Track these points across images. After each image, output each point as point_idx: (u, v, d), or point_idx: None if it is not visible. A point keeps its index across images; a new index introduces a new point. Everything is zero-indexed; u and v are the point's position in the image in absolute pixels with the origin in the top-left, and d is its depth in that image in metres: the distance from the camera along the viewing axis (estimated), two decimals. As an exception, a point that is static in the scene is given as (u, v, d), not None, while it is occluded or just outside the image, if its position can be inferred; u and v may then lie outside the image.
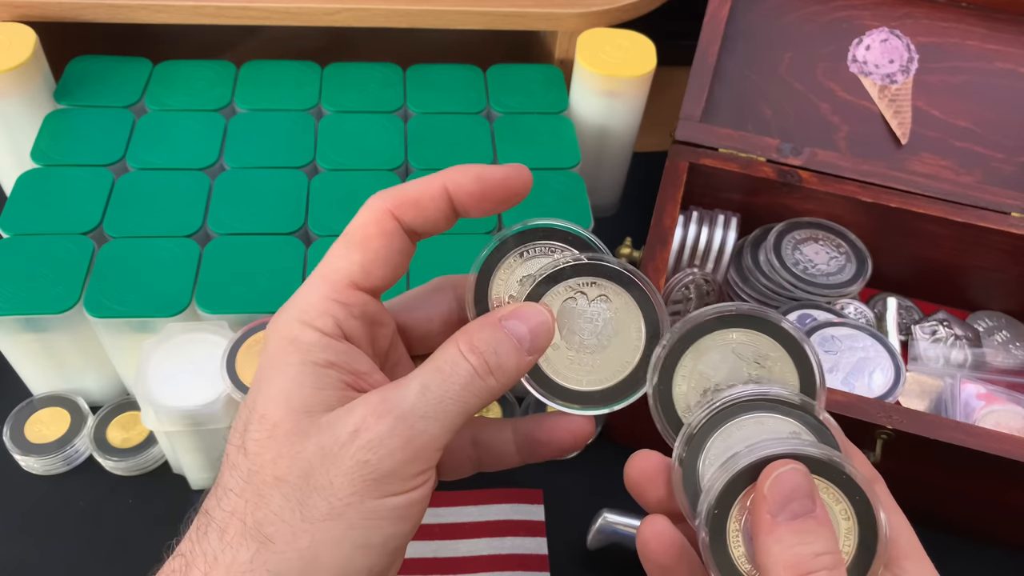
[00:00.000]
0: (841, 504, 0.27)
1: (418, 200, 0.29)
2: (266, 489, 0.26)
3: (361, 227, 0.29)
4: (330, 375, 0.27)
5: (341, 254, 0.29)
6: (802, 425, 0.29)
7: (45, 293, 0.49)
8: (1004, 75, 0.65)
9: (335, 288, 0.28)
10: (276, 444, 0.26)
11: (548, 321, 0.29)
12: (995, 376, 0.61)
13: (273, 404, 0.27)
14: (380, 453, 0.26)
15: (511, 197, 0.29)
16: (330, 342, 0.28)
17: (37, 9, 0.61)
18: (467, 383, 0.27)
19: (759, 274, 0.63)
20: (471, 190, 0.29)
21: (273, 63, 0.66)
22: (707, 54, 0.64)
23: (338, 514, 0.26)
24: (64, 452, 0.54)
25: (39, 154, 0.57)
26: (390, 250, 0.29)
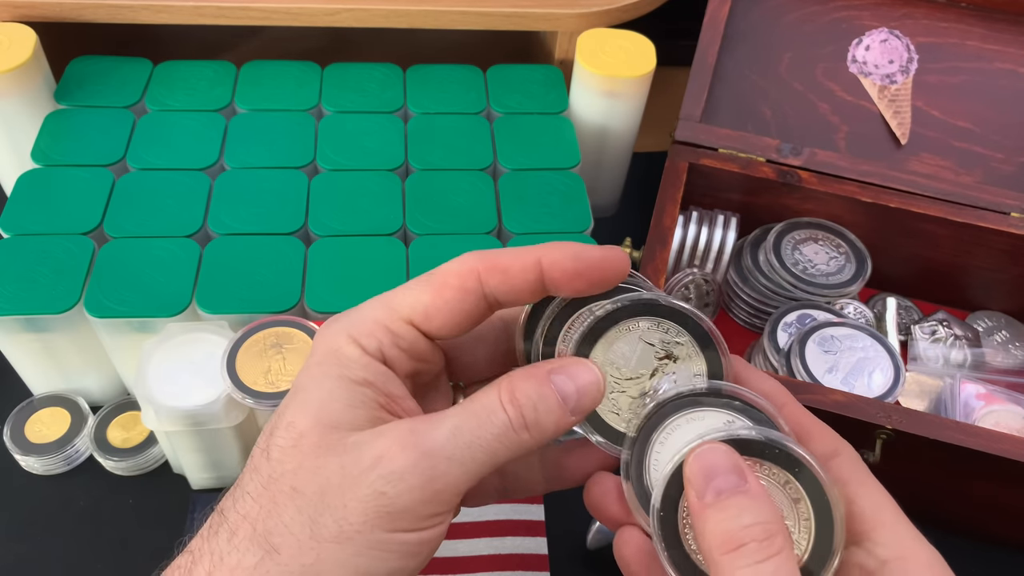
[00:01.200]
0: (790, 483, 0.27)
1: (508, 269, 0.28)
2: (282, 498, 0.26)
3: (444, 273, 0.28)
4: (365, 393, 0.27)
5: (413, 289, 0.29)
6: (734, 413, 0.29)
7: (45, 293, 0.49)
8: (1004, 75, 0.65)
9: (391, 317, 0.28)
10: (299, 454, 0.26)
11: (598, 382, 0.28)
12: (995, 376, 0.61)
13: (303, 413, 0.27)
14: (399, 488, 0.26)
15: (606, 279, 0.29)
16: (370, 361, 0.27)
17: (37, 9, 0.61)
18: (500, 434, 0.27)
19: (759, 274, 0.63)
20: (565, 267, 0.28)
21: (273, 63, 0.66)
22: (707, 54, 0.64)
23: (347, 538, 0.25)
24: (64, 452, 0.54)
25: (39, 154, 0.57)
26: (460, 306, 0.28)
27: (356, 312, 0.29)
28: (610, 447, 0.30)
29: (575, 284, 0.28)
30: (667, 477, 0.28)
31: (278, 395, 0.46)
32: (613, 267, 0.29)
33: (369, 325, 0.28)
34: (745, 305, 0.65)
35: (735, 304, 0.65)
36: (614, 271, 0.29)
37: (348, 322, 0.28)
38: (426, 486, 0.26)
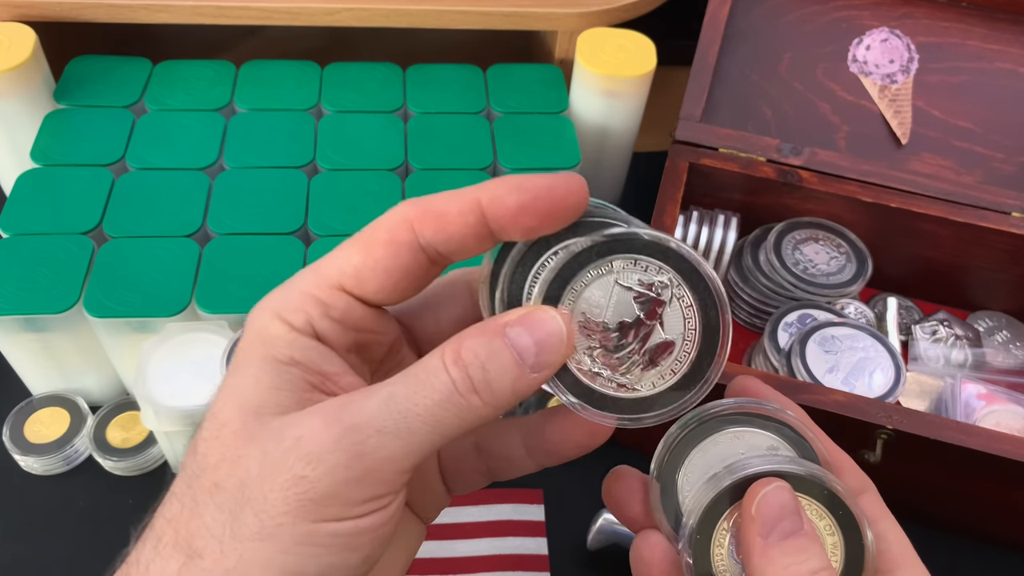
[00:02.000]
0: (825, 520, 0.27)
1: (443, 214, 0.24)
2: (203, 496, 0.23)
3: (374, 229, 0.25)
4: (292, 373, 0.24)
5: (341, 253, 0.25)
6: (779, 438, 0.28)
7: (45, 293, 0.49)
8: (1004, 75, 0.65)
9: (318, 285, 0.25)
10: (220, 446, 0.24)
11: (560, 332, 0.24)
12: (995, 376, 0.61)
13: (224, 401, 0.24)
14: (319, 469, 0.22)
15: (559, 212, 0.24)
16: (297, 337, 0.24)
17: (37, 9, 0.61)
18: (442, 399, 0.23)
19: (759, 274, 0.63)
20: (508, 203, 0.24)
21: (273, 63, 0.66)
22: (707, 54, 0.64)
23: (268, 534, 0.22)
24: (64, 452, 0.54)
25: (39, 154, 0.57)
26: (394, 263, 0.25)
27: (285, 285, 0.26)
28: (590, 410, 0.26)
29: (524, 222, 0.24)
30: (710, 502, 0.27)
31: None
32: (565, 196, 0.24)
33: (296, 298, 0.25)
34: (746, 305, 0.64)
35: (736, 304, 0.65)
36: (568, 201, 0.24)
37: (275, 297, 0.25)
38: (352, 464, 0.22)
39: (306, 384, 0.24)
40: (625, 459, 0.34)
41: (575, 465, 0.60)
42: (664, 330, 0.26)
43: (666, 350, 0.26)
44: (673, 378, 0.26)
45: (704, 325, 0.26)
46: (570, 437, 0.28)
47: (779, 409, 0.28)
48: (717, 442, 0.28)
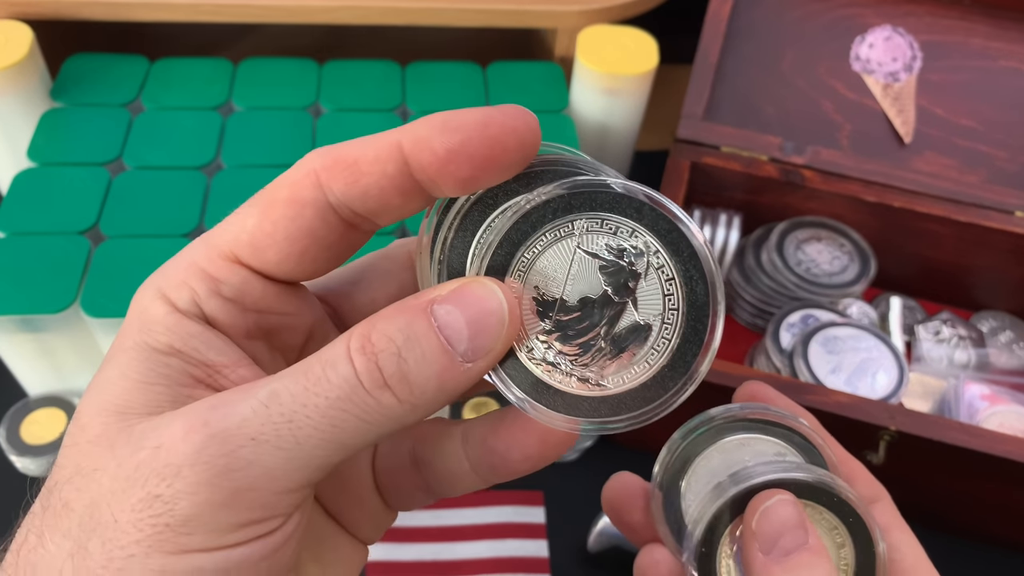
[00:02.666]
0: (835, 528, 0.27)
1: (355, 161, 0.19)
2: (51, 519, 0.19)
3: (273, 187, 0.20)
4: (169, 365, 0.20)
5: (236, 216, 0.21)
6: (787, 444, 0.28)
7: (41, 293, 0.49)
8: (1008, 73, 0.64)
9: (208, 256, 0.20)
10: (76, 455, 0.19)
11: (501, 310, 0.19)
12: (999, 377, 0.61)
13: (87, 400, 0.20)
14: (176, 486, 0.18)
15: (500, 157, 0.19)
16: (179, 320, 0.20)
17: (33, 7, 0.61)
18: (341, 396, 0.18)
19: (762, 273, 0.62)
20: (436, 146, 0.19)
21: (271, 61, 0.65)
22: (709, 52, 0.64)
23: (117, 569, 0.18)
24: (60, 453, 0.54)
25: (35, 153, 0.57)
26: (296, 226, 0.20)
27: (171, 261, 0.21)
28: (542, 410, 0.21)
29: (455, 171, 0.19)
30: (714, 513, 0.26)
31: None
32: (507, 136, 0.19)
33: (181, 272, 0.20)
34: (748, 305, 0.64)
35: (738, 304, 0.65)
36: (510, 143, 0.19)
37: (160, 272, 0.21)
38: (218, 482, 0.18)
39: (188, 378, 0.20)
40: (628, 460, 0.33)
41: (575, 465, 0.60)
42: (638, 310, 0.21)
43: (640, 335, 0.21)
44: (648, 371, 0.21)
45: (689, 304, 0.20)
46: (518, 446, 0.22)
47: (787, 415, 0.28)
48: (723, 449, 0.27)
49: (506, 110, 0.19)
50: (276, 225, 0.20)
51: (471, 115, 0.19)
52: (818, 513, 0.26)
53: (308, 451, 0.18)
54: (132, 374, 0.19)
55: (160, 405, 0.19)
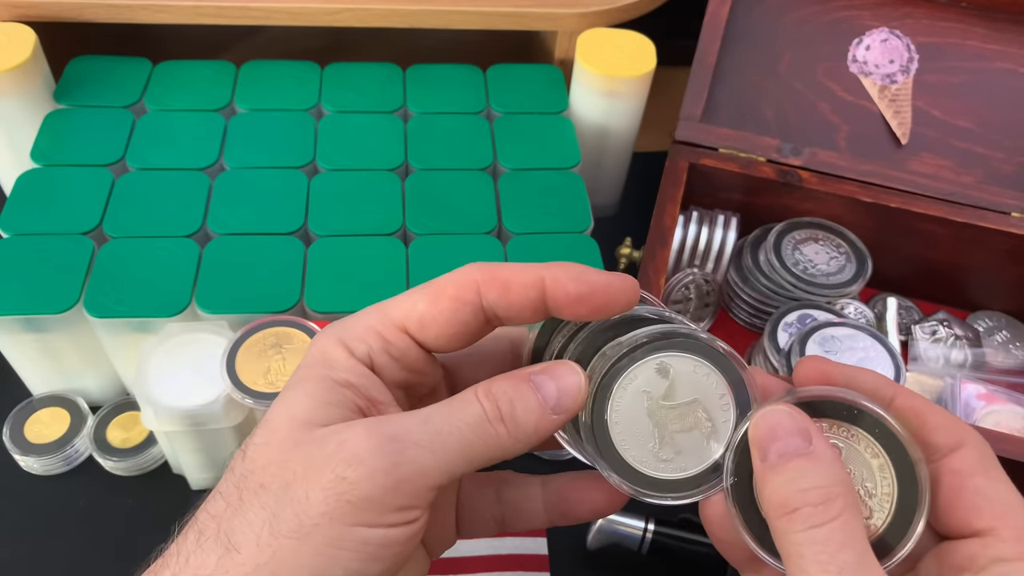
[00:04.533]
0: (879, 457, 0.26)
1: (508, 283, 0.27)
2: (248, 496, 0.25)
3: (443, 283, 0.27)
4: (344, 394, 0.26)
5: (411, 297, 0.28)
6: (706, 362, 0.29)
7: (45, 293, 0.49)
8: (1004, 75, 0.65)
9: (383, 322, 0.27)
10: (270, 451, 0.25)
11: (580, 383, 0.27)
12: (995, 376, 0.61)
13: (278, 411, 0.26)
14: (360, 471, 0.24)
15: (610, 306, 0.27)
16: (355, 364, 0.27)
17: (37, 9, 0.61)
18: (474, 423, 0.26)
19: (759, 274, 0.63)
20: (568, 290, 0.27)
21: (273, 63, 0.66)
22: (707, 54, 0.64)
23: (305, 533, 0.24)
24: (64, 452, 0.54)
25: (39, 154, 0.57)
26: (456, 317, 0.27)
27: (352, 317, 0.28)
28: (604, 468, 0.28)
29: (577, 308, 0.27)
30: (737, 442, 0.27)
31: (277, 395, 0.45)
32: (619, 295, 0.27)
33: (361, 330, 0.27)
34: (745, 305, 0.64)
35: (735, 304, 0.65)
36: (620, 300, 0.27)
37: (341, 327, 0.28)
38: (391, 471, 0.24)
39: (355, 405, 0.26)
40: None
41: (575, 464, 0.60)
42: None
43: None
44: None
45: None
46: (589, 499, 0.31)
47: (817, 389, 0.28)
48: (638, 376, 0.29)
49: (623, 279, 0.27)
50: (442, 313, 0.27)
51: (599, 276, 0.27)
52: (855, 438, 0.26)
53: (449, 458, 0.25)
54: (317, 395, 0.26)
55: (335, 420, 0.26)
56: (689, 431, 0.28)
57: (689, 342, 0.28)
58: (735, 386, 0.28)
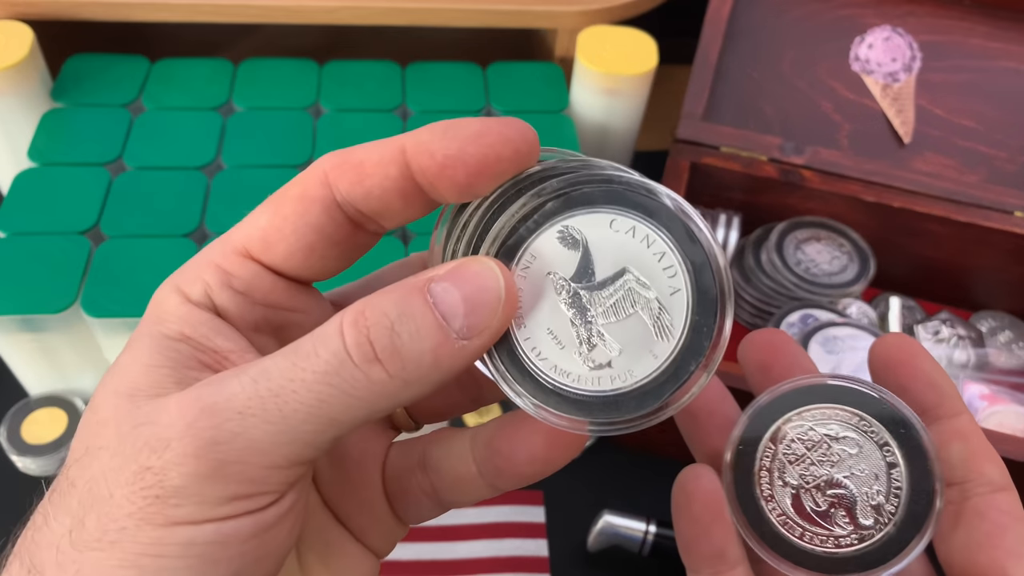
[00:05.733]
0: (888, 445, 0.24)
1: (362, 164, 0.20)
2: (57, 499, 0.20)
3: (286, 186, 0.21)
4: (178, 350, 0.20)
5: (251, 216, 0.22)
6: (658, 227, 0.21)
7: (42, 293, 0.49)
8: (1008, 73, 0.64)
9: (222, 252, 0.21)
10: (86, 436, 0.20)
11: (498, 287, 0.19)
12: (998, 376, 0.61)
13: (101, 385, 0.20)
14: (166, 458, 0.18)
15: (498, 164, 0.20)
16: (191, 310, 0.21)
17: (34, 7, 0.61)
18: (329, 371, 0.18)
19: (761, 274, 0.62)
20: (435, 152, 0.20)
21: (271, 61, 0.65)
22: (709, 52, 0.64)
23: (110, 542, 0.18)
24: (61, 453, 0.54)
25: (36, 153, 0.57)
26: (304, 222, 0.21)
27: (192, 258, 0.22)
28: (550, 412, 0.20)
29: (452, 175, 0.20)
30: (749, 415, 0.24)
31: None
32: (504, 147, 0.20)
33: (196, 267, 0.21)
34: (748, 305, 0.64)
35: (738, 304, 0.65)
36: (507, 152, 0.20)
37: (178, 271, 0.22)
38: (203, 454, 0.18)
39: (195, 362, 0.20)
40: (619, 458, 0.33)
41: (576, 465, 0.59)
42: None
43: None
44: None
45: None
46: (524, 447, 0.22)
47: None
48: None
49: (504, 121, 0.20)
50: (285, 220, 0.21)
51: (470, 124, 0.20)
52: (867, 425, 0.24)
53: (295, 426, 0.18)
54: (142, 359, 0.20)
55: (166, 387, 0.20)
56: (627, 318, 0.20)
57: (600, 191, 0.20)
58: (678, 237, 0.20)
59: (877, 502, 0.24)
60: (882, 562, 0.24)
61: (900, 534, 0.24)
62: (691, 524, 0.24)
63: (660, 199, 0.20)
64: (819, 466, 0.25)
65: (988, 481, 0.23)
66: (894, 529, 0.24)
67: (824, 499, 0.25)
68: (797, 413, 0.25)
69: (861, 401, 0.24)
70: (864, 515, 0.24)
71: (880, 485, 0.24)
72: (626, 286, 0.20)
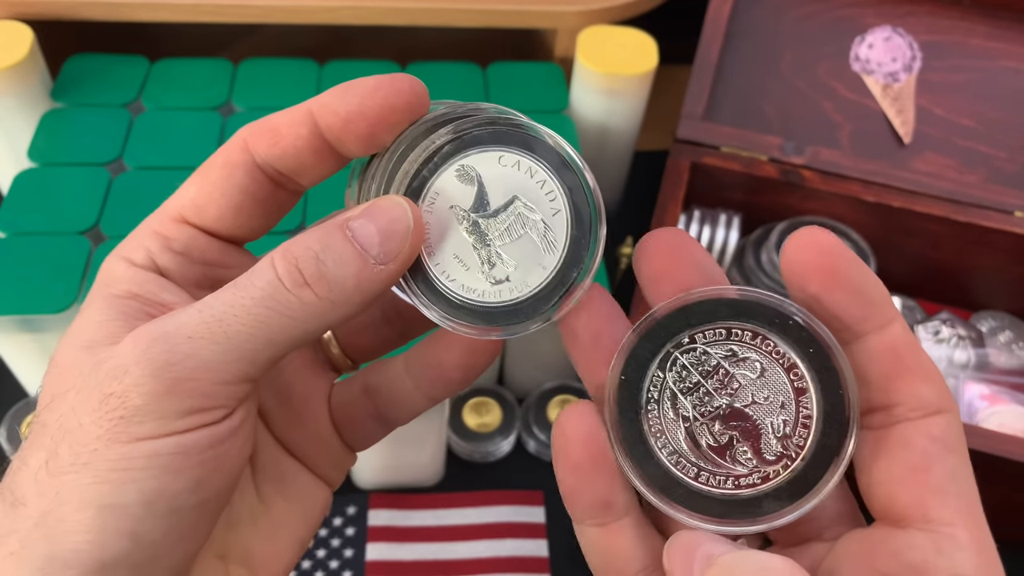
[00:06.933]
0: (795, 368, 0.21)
1: (275, 127, 0.23)
2: (31, 441, 0.22)
3: (211, 158, 0.24)
4: (127, 306, 0.23)
5: (183, 187, 0.24)
6: None
7: (42, 293, 0.49)
8: (1008, 73, 0.64)
9: (160, 220, 0.24)
10: (51, 386, 0.23)
11: (406, 217, 0.22)
12: (999, 377, 0.61)
13: (60, 344, 0.23)
14: (126, 382, 0.21)
15: (391, 115, 0.23)
16: (136, 272, 0.24)
17: (34, 7, 0.61)
18: (265, 296, 0.21)
19: (761, 274, 0.62)
20: (338, 110, 0.23)
21: (271, 61, 0.65)
22: (709, 52, 0.64)
23: (83, 464, 0.21)
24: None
25: (36, 153, 0.57)
26: (230, 184, 0.24)
27: (133, 231, 0.25)
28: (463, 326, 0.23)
29: (355, 129, 0.23)
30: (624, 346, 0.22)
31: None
32: (396, 97, 0.23)
33: (138, 237, 0.24)
34: (747, 305, 0.64)
35: (737, 304, 0.65)
36: (400, 103, 0.23)
37: (121, 243, 0.25)
38: (161, 373, 0.21)
39: (143, 314, 0.23)
40: None
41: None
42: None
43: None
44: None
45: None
46: (449, 356, 0.26)
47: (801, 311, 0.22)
48: None
49: (395, 77, 0.23)
50: (213, 185, 0.24)
51: (366, 82, 0.23)
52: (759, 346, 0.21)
53: (238, 344, 0.21)
54: (96, 317, 0.23)
55: (119, 336, 0.22)
56: (519, 238, 0.23)
57: (487, 133, 0.23)
58: (555, 167, 0.24)
59: (783, 433, 0.21)
60: (787, 503, 0.21)
61: (809, 471, 0.21)
62: (572, 471, 0.24)
63: (540, 136, 0.24)
64: (716, 395, 0.22)
65: (920, 404, 0.21)
66: (802, 465, 0.21)
67: (723, 432, 0.22)
68: (690, 334, 0.22)
69: (764, 315, 0.21)
70: (768, 449, 0.22)
71: (787, 414, 0.21)
72: (516, 211, 0.24)
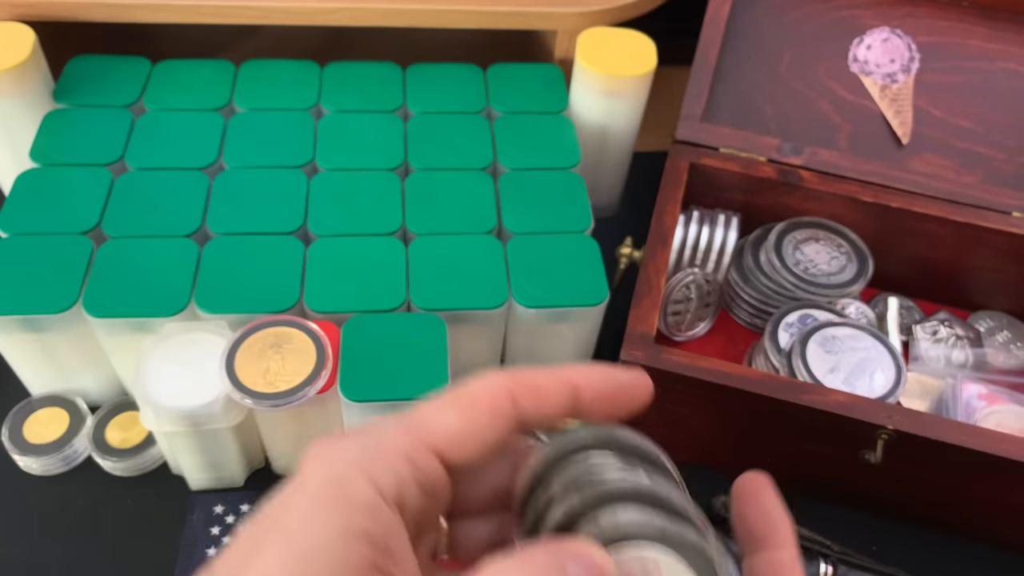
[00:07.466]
0: None
1: (541, 390, 0.24)
2: None
3: (472, 394, 0.24)
4: (359, 552, 0.21)
5: (440, 412, 0.24)
6: None
7: (44, 293, 0.49)
8: (1006, 75, 0.64)
9: (415, 445, 0.23)
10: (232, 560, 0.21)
11: None
12: (996, 376, 0.61)
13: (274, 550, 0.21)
14: None
15: (633, 404, 0.26)
16: (380, 507, 0.22)
17: (36, 8, 0.61)
18: None
19: (760, 274, 0.63)
20: (601, 388, 0.25)
21: (272, 62, 0.66)
22: (708, 53, 0.64)
23: None
24: (63, 452, 0.54)
25: (38, 154, 0.57)
26: (491, 432, 0.24)
27: (373, 435, 0.23)
28: None
29: (608, 406, 0.25)
30: None
31: (277, 395, 0.45)
32: (641, 393, 0.26)
33: (389, 456, 0.22)
34: (746, 305, 0.64)
35: (736, 304, 0.65)
36: (642, 397, 0.26)
37: (362, 448, 0.22)
38: None
39: (368, 565, 0.21)
40: None
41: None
42: None
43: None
44: None
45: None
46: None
47: None
48: None
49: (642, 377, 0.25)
50: (478, 428, 0.23)
51: (625, 375, 0.25)
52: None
53: None
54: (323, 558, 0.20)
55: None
56: None
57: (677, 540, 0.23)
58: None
59: None
60: None
61: None
62: None
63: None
64: None
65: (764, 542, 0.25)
66: None
67: None
68: None
69: None
70: None
71: None
72: None
